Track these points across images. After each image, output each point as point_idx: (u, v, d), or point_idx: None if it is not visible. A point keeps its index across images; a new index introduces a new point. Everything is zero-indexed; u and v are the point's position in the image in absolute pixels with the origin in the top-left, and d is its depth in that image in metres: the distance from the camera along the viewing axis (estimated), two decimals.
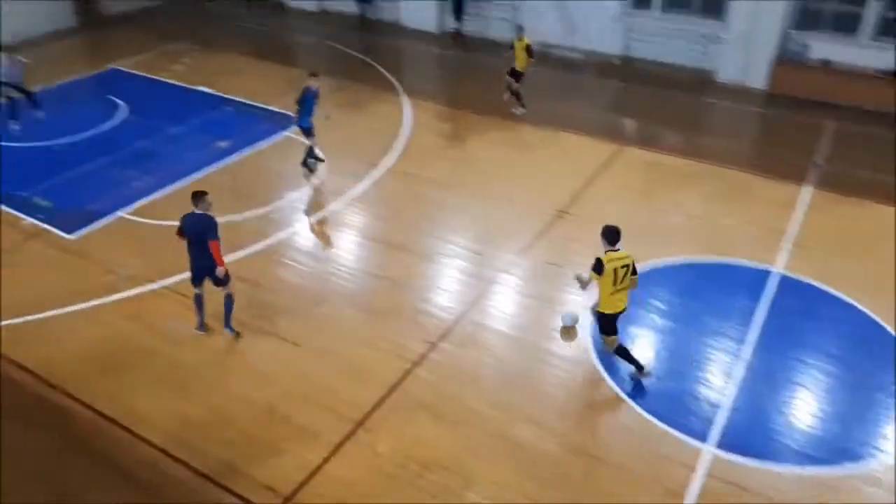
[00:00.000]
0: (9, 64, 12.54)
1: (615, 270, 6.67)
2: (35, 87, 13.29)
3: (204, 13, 19.79)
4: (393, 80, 15.19)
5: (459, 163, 11.83)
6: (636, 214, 10.08)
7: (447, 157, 12.03)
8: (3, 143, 11.76)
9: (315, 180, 11.10)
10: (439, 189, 10.94)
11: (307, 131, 10.92)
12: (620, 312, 6.97)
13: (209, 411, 6.90)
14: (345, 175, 11.21)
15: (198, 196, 7.21)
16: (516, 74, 13.17)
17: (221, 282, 7.49)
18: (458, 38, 17.88)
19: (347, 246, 9.86)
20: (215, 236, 7.15)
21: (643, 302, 8.20)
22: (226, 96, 13.68)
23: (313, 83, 10.65)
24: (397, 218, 10.27)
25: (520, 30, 13.13)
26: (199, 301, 7.72)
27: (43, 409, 6.94)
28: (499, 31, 17.37)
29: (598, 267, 6.66)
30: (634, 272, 6.82)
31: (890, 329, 7.94)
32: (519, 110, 13.43)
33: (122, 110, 13.46)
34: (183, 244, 7.31)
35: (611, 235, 6.73)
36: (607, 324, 7.05)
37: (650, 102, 14.30)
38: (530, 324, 8.21)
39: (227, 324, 7.85)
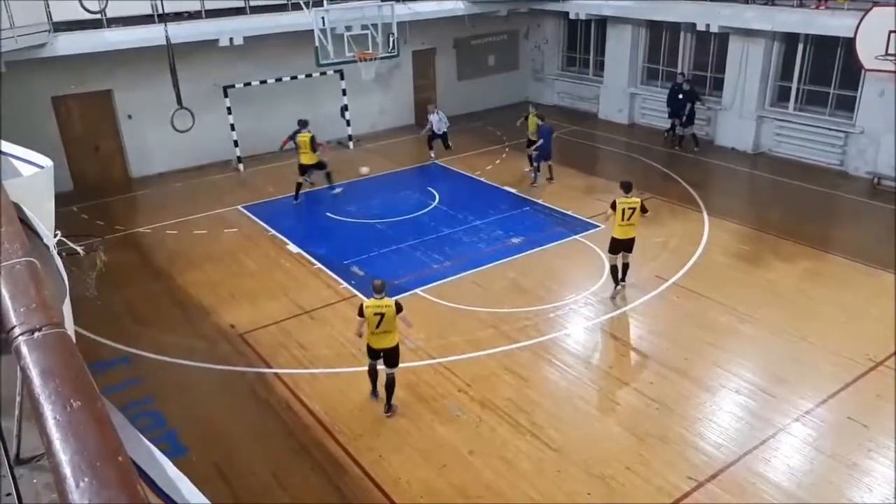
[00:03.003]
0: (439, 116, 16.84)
1: (623, 210, 9.92)
2: (378, 173, 16.44)
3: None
4: (696, 195, 14.77)
5: (756, 290, 10.87)
6: None
7: (743, 282, 11.15)
8: (341, 218, 13.83)
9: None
10: (730, 315, 10.14)
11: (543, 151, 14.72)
12: (626, 239, 10.17)
13: (456, 491, 7.05)
14: (629, 285, 10.98)
15: (302, 123, 14.15)
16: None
17: (323, 165, 14.60)
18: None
19: (619, 358, 9.56)
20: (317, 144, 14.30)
21: None
22: (527, 198, 14.50)
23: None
24: (678, 338, 9.71)
25: (532, 106, 16.65)
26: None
27: (320, 452, 7.73)
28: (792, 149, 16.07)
29: (613, 205, 9.99)
30: (644, 210, 10.11)
31: None
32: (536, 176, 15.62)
33: (436, 200, 15.04)
34: None
35: (624, 186, 10.08)
36: (612, 245, 10.35)
37: None
38: (820, 486, 7.04)
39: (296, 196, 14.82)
